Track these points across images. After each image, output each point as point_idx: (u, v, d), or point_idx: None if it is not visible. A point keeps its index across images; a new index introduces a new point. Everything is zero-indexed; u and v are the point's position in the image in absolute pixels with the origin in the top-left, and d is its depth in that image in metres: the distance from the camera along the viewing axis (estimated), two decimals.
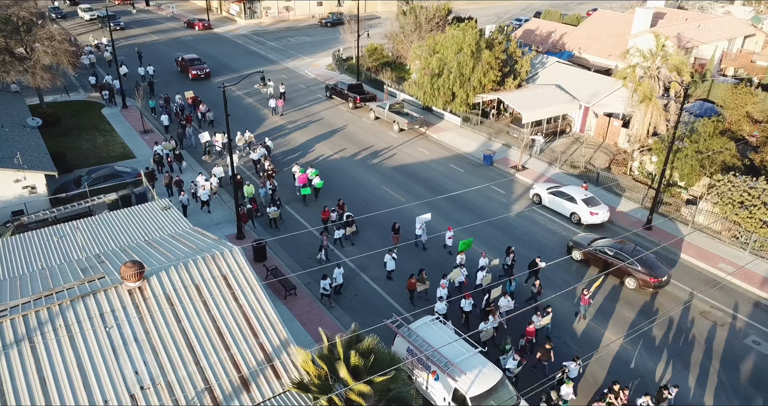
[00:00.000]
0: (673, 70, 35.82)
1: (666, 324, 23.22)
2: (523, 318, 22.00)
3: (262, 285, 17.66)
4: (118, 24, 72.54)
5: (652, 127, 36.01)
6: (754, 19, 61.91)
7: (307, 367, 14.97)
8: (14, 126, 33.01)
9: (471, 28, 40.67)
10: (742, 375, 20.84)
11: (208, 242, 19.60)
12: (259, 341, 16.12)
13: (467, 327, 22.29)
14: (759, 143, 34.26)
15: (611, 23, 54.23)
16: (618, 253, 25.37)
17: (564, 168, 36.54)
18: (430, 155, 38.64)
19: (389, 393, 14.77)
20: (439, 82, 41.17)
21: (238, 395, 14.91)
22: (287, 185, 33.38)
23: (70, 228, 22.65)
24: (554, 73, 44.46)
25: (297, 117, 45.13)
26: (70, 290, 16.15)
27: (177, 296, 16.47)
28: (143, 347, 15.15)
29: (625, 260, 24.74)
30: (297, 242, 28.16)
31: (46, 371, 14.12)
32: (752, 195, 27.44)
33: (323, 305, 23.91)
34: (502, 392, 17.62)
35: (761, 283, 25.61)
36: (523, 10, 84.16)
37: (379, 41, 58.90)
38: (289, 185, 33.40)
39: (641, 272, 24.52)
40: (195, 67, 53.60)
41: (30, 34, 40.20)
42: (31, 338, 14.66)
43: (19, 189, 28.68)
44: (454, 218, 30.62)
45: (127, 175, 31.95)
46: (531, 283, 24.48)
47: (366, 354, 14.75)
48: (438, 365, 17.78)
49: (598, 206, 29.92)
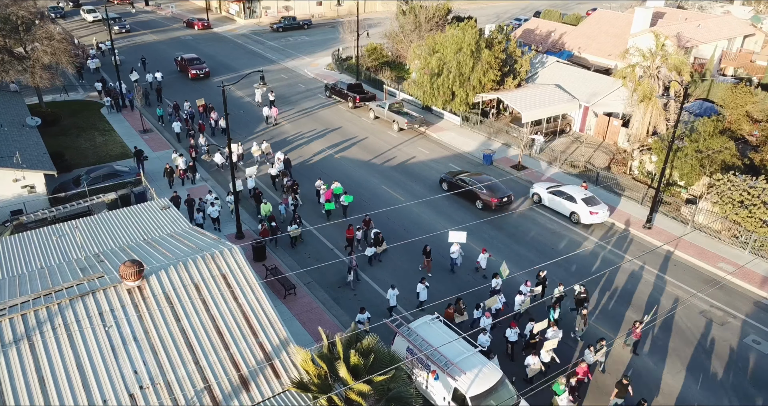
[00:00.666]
0: (672, 69, 35.79)
1: (665, 323, 23.19)
2: (566, 350, 21.18)
3: (262, 284, 17.62)
4: (123, 26, 70.55)
5: (651, 126, 35.99)
6: (754, 19, 61.88)
7: (307, 366, 14.93)
8: (13, 125, 32.95)
9: (471, 27, 40.64)
10: (742, 374, 20.81)
11: (208, 242, 19.55)
12: (259, 341, 16.08)
13: (512, 359, 20.98)
14: (759, 143, 34.24)
15: (611, 23, 54.22)
16: (472, 181, 31.37)
17: (564, 167, 36.52)
18: (430, 155, 38.61)
19: (389, 393, 14.74)
20: (438, 82, 41.13)
21: (237, 395, 14.87)
22: (306, 201, 31.78)
23: (69, 227, 22.61)
24: (554, 73, 44.43)
25: (296, 117, 45.07)
26: (69, 290, 16.11)
27: (176, 295, 16.43)
28: (142, 346, 15.10)
29: (474, 185, 31.02)
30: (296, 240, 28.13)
31: (45, 370, 14.08)
32: (752, 194, 27.42)
33: (323, 304, 23.87)
34: (502, 391, 17.58)
35: (761, 282, 25.59)
36: (523, 10, 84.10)
37: (379, 41, 58.87)
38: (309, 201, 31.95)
39: (485, 194, 30.78)
40: (194, 66, 53.43)
41: (29, 34, 40.14)
42: (30, 337, 14.61)
43: (18, 188, 28.63)
44: (455, 217, 30.59)
45: (126, 175, 31.91)
46: (577, 312, 22.33)
47: (366, 353, 14.72)
48: (438, 364, 17.75)
49: (597, 205, 29.90)
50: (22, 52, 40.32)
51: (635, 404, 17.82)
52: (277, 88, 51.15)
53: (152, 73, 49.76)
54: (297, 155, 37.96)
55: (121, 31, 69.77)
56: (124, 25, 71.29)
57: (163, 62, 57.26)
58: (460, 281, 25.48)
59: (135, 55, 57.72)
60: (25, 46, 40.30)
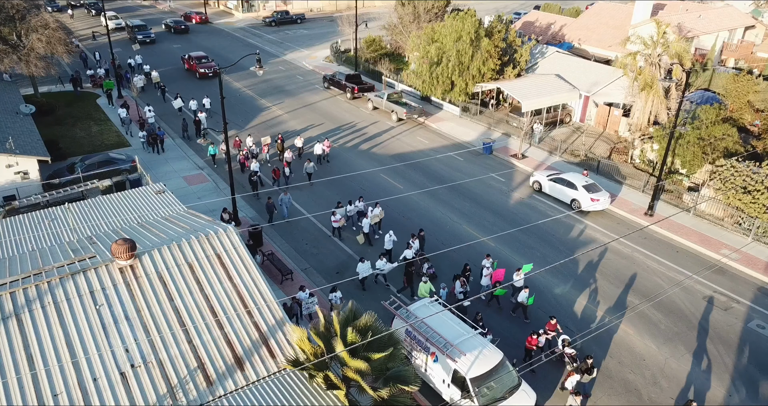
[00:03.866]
0: (674, 57, 35.41)
1: (669, 308, 22.83)
2: None
3: (257, 266, 17.23)
4: (148, 36, 61.56)
5: (652, 115, 35.61)
6: (754, 13, 61.49)
7: (303, 345, 14.58)
8: (6, 113, 32.52)
9: (470, 16, 40.26)
10: (746, 359, 20.46)
11: (203, 223, 19.19)
12: (254, 320, 15.71)
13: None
14: (761, 132, 33.91)
15: (611, 14, 53.83)
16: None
17: (564, 156, 36.15)
18: (429, 144, 38.22)
19: (387, 372, 14.37)
20: (438, 71, 40.75)
21: (231, 374, 14.50)
22: None
23: (62, 211, 22.22)
24: (554, 63, 44.05)
25: (294, 107, 44.67)
26: (60, 269, 15.73)
27: (170, 274, 16.06)
28: (134, 325, 14.74)
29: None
30: (294, 227, 27.77)
31: (33, 348, 13.71)
32: (755, 180, 27.06)
33: (321, 290, 23.48)
34: (502, 373, 17.20)
35: (765, 268, 25.24)
36: (522, 4, 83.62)
37: (378, 33, 58.47)
38: None
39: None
40: (202, 65, 50.82)
41: (24, 22, 39.68)
42: (18, 315, 14.23)
43: (11, 174, 28.21)
44: (455, 205, 30.23)
45: (122, 162, 31.48)
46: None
47: (363, 332, 14.35)
48: (437, 346, 17.35)
49: (598, 192, 29.52)
50: (16, 41, 39.86)
51: (683, 405, 17.41)
52: (275, 80, 50.83)
53: (198, 101, 41.77)
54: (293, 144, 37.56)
55: (145, 41, 60.73)
56: (149, 35, 61.87)
57: (162, 56, 56.84)
58: None
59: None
60: (19, 34, 39.83)
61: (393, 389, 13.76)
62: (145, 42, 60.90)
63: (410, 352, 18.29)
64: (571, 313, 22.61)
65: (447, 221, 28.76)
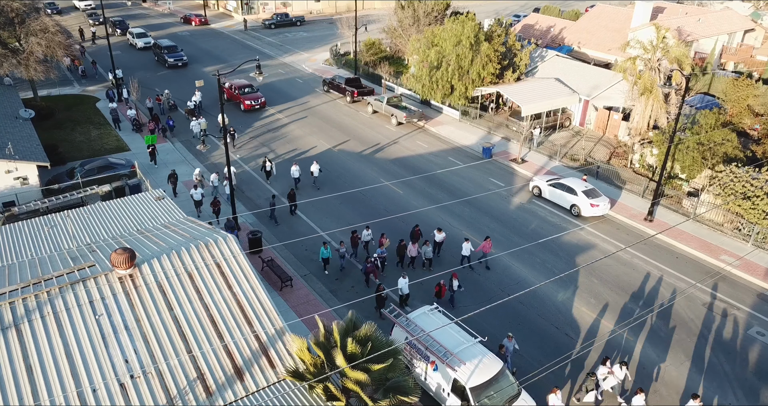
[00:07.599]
0: (673, 62, 35.43)
1: (669, 315, 22.83)
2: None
3: (257, 274, 17.22)
4: (180, 58, 53.84)
5: (652, 120, 35.62)
6: (753, 16, 61.59)
7: (303, 355, 14.55)
8: (6, 118, 32.49)
9: (470, 20, 40.27)
10: (746, 366, 20.46)
11: (202, 231, 19.15)
12: (254, 330, 15.68)
13: None
14: (761, 136, 33.92)
15: (610, 18, 53.88)
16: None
17: (564, 161, 36.15)
18: (429, 148, 38.22)
19: (387, 382, 14.36)
20: (437, 75, 40.74)
21: (231, 385, 14.47)
22: None
23: (61, 218, 22.19)
24: (554, 67, 44.06)
25: (294, 110, 44.66)
26: (59, 278, 15.69)
27: (169, 283, 16.02)
28: (134, 335, 14.70)
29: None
30: (294, 231, 27.75)
31: (33, 359, 13.66)
32: (755, 186, 27.07)
33: (320, 296, 23.48)
34: (502, 382, 17.19)
35: (765, 274, 25.24)
36: (522, 7, 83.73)
37: (377, 36, 58.47)
38: None
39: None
40: (247, 96, 43.77)
41: (23, 26, 39.66)
42: (17, 325, 14.20)
43: (11, 180, 28.19)
44: (454, 210, 30.22)
45: (121, 167, 31.46)
46: None
47: (363, 342, 14.33)
48: (437, 354, 17.35)
49: (598, 197, 29.53)
50: (16, 45, 39.84)
51: None
52: (275, 83, 50.79)
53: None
54: (293, 148, 37.58)
55: (176, 65, 53.64)
56: (180, 57, 53.74)
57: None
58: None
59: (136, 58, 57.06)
60: (19, 38, 39.82)
61: (392, 400, 13.74)
62: (176, 66, 53.96)
63: (410, 360, 18.28)
64: (571, 320, 22.60)
65: (446, 226, 28.73)
